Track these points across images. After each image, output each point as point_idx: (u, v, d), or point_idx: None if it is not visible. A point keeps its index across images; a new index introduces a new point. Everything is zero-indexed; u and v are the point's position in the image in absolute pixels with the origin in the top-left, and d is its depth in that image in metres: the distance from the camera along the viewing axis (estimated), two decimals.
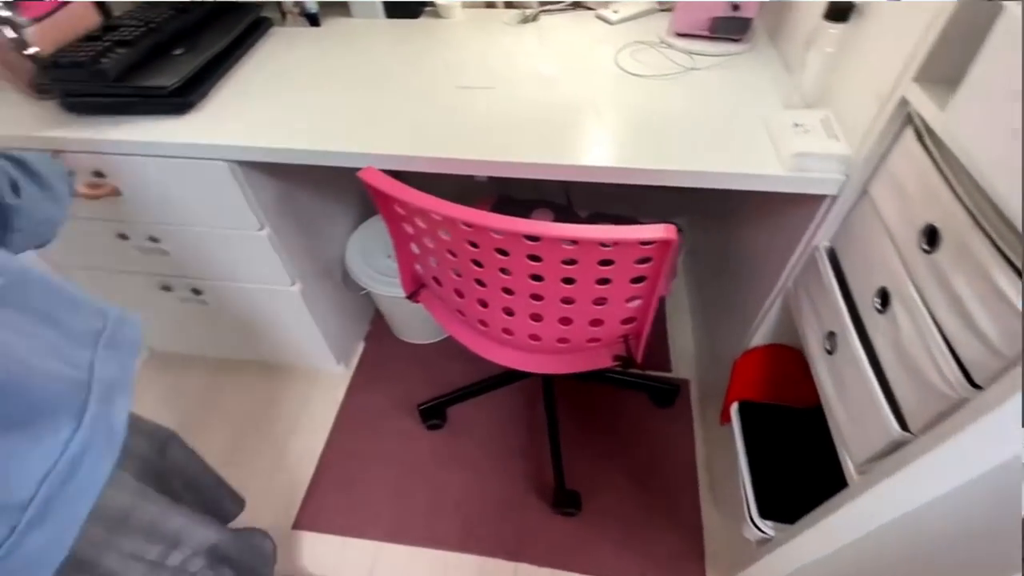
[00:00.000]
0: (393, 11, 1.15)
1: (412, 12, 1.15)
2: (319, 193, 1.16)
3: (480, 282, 0.73)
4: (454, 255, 0.70)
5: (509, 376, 1.24)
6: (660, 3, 1.11)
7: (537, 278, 0.67)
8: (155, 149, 0.83)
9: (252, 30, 1.05)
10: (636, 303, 0.71)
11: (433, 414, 1.25)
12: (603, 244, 0.59)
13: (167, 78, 0.84)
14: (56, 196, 0.66)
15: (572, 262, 0.63)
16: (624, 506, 1.13)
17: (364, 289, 1.22)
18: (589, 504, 1.12)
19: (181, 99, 0.85)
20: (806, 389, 0.91)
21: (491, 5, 1.18)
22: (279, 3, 1.11)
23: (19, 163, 0.62)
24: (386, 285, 1.20)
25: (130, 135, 0.83)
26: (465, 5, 1.16)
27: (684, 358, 1.37)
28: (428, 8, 1.17)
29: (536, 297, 0.71)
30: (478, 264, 0.69)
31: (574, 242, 0.59)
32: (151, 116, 0.86)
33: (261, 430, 1.30)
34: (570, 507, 1.09)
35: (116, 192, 0.92)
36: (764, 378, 0.99)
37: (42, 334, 0.50)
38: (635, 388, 1.26)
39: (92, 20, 0.99)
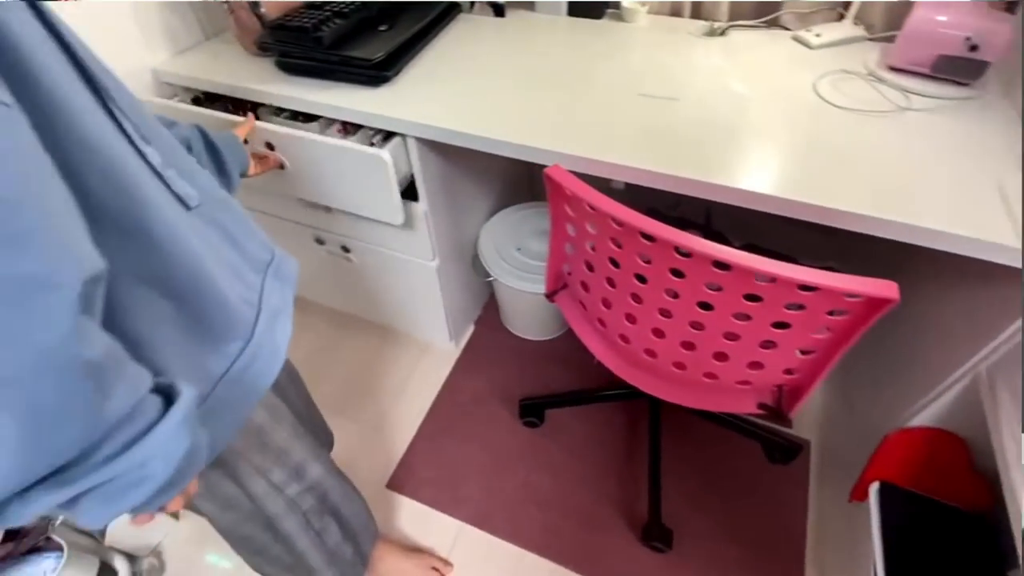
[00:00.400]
0: (576, 10, 1.15)
1: (595, 12, 1.14)
2: (471, 177, 1.20)
3: (636, 298, 0.71)
4: (616, 265, 0.69)
5: (617, 392, 1.21)
6: (870, 31, 1.01)
7: (706, 307, 0.64)
8: (346, 114, 0.90)
9: (444, 14, 1.10)
10: (810, 356, 0.65)
11: (532, 412, 1.25)
12: (803, 287, 0.54)
13: (372, 51, 0.90)
14: (228, 177, 0.71)
15: (755, 298, 0.59)
16: (718, 556, 1.06)
17: (491, 276, 1.25)
18: (680, 544, 1.07)
19: (379, 72, 0.90)
20: (967, 487, 0.79)
21: (677, 13, 1.15)
22: None
23: (204, 135, 0.67)
24: (513, 277, 1.21)
25: (327, 98, 0.90)
26: (650, 11, 1.13)
27: (809, 416, 1.25)
28: (611, 10, 1.16)
29: (697, 326, 0.67)
30: (641, 280, 0.67)
31: (771, 279, 0.55)
32: (349, 84, 0.93)
33: (369, 388, 1.38)
34: (660, 543, 1.04)
35: (281, 166, 0.95)
36: (917, 463, 0.88)
37: (227, 253, 0.53)
38: (750, 436, 1.17)
39: None
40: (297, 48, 0.91)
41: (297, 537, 0.75)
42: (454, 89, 0.92)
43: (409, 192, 0.99)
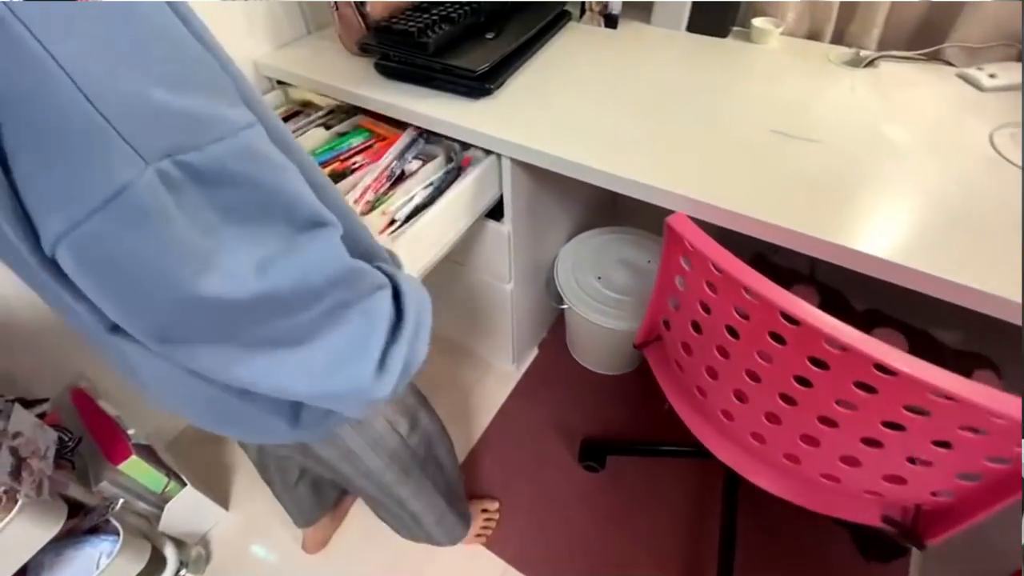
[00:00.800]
0: (697, 25, 1.04)
1: (719, 30, 1.03)
2: (555, 197, 1.12)
3: (753, 377, 0.60)
4: (735, 336, 0.59)
5: (694, 452, 1.10)
6: None
7: (848, 406, 0.53)
8: (444, 127, 0.84)
9: (553, 23, 1.02)
10: (976, 483, 0.53)
11: (594, 455, 1.17)
12: (994, 415, 0.43)
13: (476, 61, 0.83)
14: None
15: (920, 411, 0.48)
16: None
17: (565, 304, 1.17)
18: None
19: (482, 84, 0.84)
20: None
21: (815, 37, 1.01)
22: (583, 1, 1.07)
23: None
24: (590, 308, 1.12)
25: (424, 108, 0.85)
26: (784, 31, 1.00)
27: None
28: (738, 28, 1.04)
29: (828, 422, 0.56)
30: (766, 359, 0.56)
31: (948, 398, 0.44)
32: (449, 94, 0.87)
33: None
34: None
35: None
36: None
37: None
38: (841, 526, 1.03)
39: None
40: (399, 52, 0.86)
41: (410, 479, 0.75)
42: (560, 108, 0.84)
43: (493, 210, 0.93)
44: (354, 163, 0.88)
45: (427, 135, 0.90)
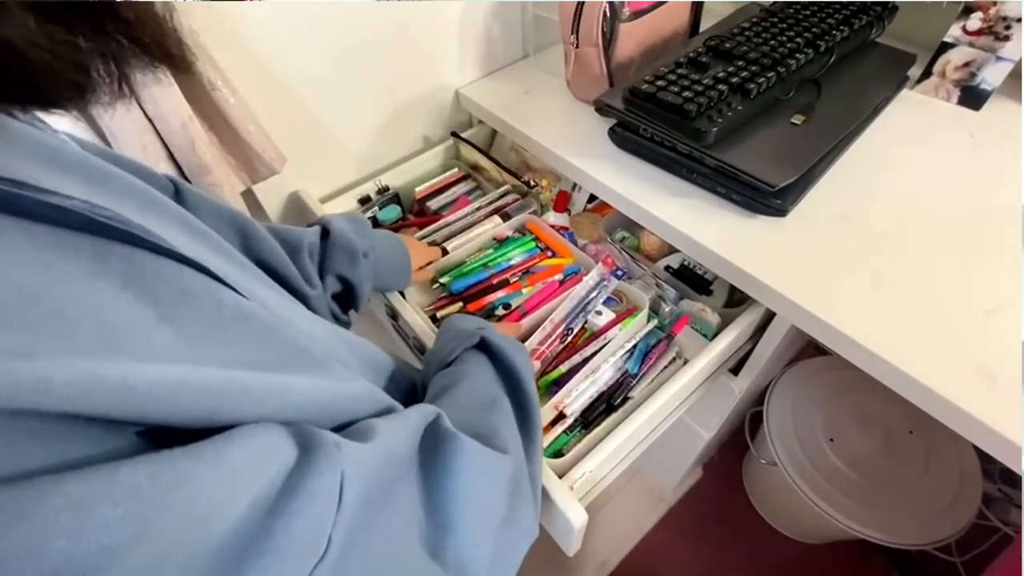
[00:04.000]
0: None
1: None
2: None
3: None
4: None
5: None
6: None
7: None
8: (694, 250, 0.58)
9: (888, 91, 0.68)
10: None
11: None
12: None
13: (774, 166, 0.54)
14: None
15: None
16: None
17: (777, 463, 0.86)
18: None
19: (776, 201, 0.55)
20: None
21: None
22: (935, 59, 0.70)
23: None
24: (808, 479, 0.81)
25: (675, 218, 0.58)
26: None
27: None
28: None
29: None
30: None
31: None
32: (715, 197, 0.60)
33: None
34: None
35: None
36: None
37: None
38: None
39: (682, 22, 0.76)
40: (659, 131, 0.60)
41: None
42: (884, 250, 0.53)
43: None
44: (495, 303, 0.63)
45: (624, 272, 0.65)
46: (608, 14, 0.66)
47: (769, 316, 0.60)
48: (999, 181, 0.59)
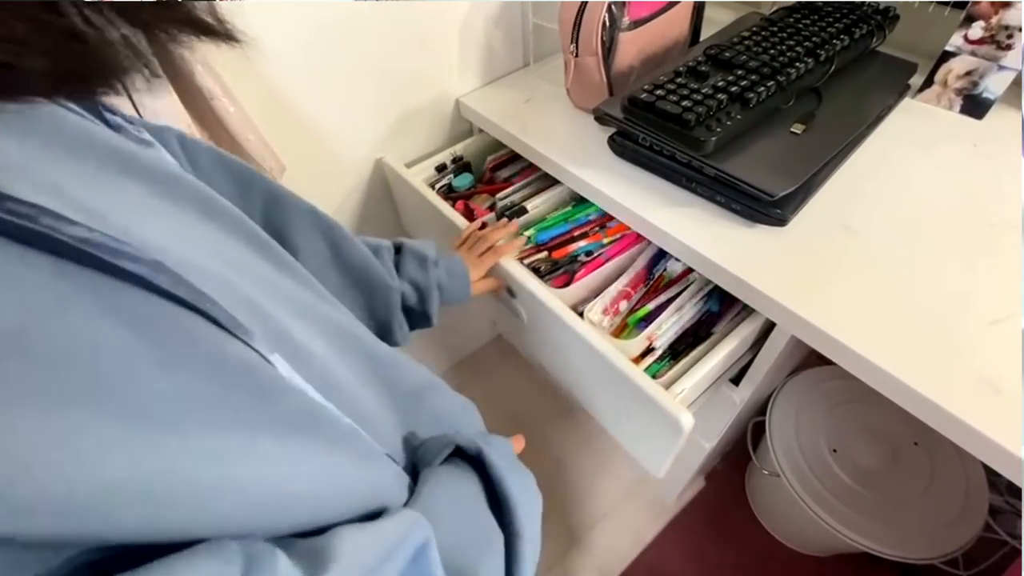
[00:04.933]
0: None
1: None
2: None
3: None
4: None
5: None
6: None
7: None
8: (692, 259, 0.57)
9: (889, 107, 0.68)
10: None
11: None
12: None
13: (772, 174, 0.54)
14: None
15: None
16: None
17: (780, 474, 0.85)
18: None
19: (775, 210, 0.55)
20: None
21: None
22: (936, 67, 0.70)
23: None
24: (811, 490, 0.80)
25: (674, 227, 0.58)
26: None
27: None
28: None
29: None
30: None
31: None
32: (714, 205, 0.60)
33: (565, 510, 1.12)
34: None
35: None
36: None
37: None
38: None
39: (682, 31, 0.76)
40: (658, 140, 0.60)
41: None
42: (887, 259, 0.52)
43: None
44: (577, 250, 0.67)
45: None
46: (608, 23, 0.66)
47: (769, 326, 0.59)
48: (1003, 190, 0.59)
